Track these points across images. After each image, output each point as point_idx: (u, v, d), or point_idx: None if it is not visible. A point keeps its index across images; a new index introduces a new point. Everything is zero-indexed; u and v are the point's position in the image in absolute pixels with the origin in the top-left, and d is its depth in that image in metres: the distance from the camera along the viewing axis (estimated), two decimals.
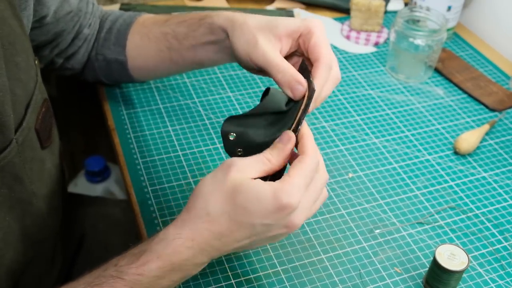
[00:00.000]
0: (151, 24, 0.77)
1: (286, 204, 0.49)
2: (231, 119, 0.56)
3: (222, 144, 0.81)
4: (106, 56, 0.80)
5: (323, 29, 0.60)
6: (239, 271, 0.65)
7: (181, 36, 0.72)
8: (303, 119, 0.55)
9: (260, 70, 0.61)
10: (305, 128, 0.55)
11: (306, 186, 0.51)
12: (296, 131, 0.54)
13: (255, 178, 0.51)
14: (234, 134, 0.56)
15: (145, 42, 0.76)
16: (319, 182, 0.53)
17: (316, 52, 0.58)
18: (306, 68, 0.59)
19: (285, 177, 0.51)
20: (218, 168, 0.52)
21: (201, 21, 0.69)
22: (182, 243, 0.51)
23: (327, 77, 0.58)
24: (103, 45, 0.80)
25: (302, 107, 0.55)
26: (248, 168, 0.51)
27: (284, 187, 0.49)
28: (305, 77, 0.57)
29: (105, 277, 0.50)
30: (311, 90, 0.55)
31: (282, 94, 0.57)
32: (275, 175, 0.54)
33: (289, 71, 0.56)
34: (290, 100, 0.57)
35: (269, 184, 0.50)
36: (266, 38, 0.59)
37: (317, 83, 0.56)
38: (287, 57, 0.61)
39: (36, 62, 0.63)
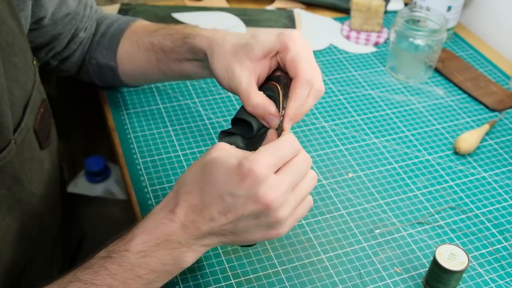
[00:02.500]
0: (141, 32, 0.77)
1: (247, 170, 0.48)
2: (224, 132, 0.59)
3: None
4: (98, 61, 0.80)
5: (300, 42, 0.58)
6: (239, 271, 0.65)
7: (167, 49, 0.72)
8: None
9: None
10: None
11: (277, 161, 0.50)
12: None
13: None
14: (232, 144, 0.56)
15: (134, 50, 0.77)
16: (299, 165, 0.51)
17: (293, 68, 0.57)
18: (280, 76, 0.60)
19: (257, 150, 0.50)
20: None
21: (185, 39, 0.69)
22: (165, 215, 0.51)
23: (306, 94, 0.57)
24: (97, 49, 0.80)
25: (281, 108, 0.57)
26: (228, 150, 0.51)
27: (248, 155, 0.49)
28: (274, 81, 0.59)
29: (96, 259, 0.51)
30: (283, 82, 0.58)
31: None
32: None
33: (260, 104, 0.56)
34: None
35: (238, 151, 0.51)
36: (242, 66, 0.58)
37: (294, 103, 0.56)
38: (271, 74, 0.61)
39: (35, 62, 0.63)
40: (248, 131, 0.58)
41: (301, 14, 1.11)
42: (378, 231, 0.71)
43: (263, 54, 0.58)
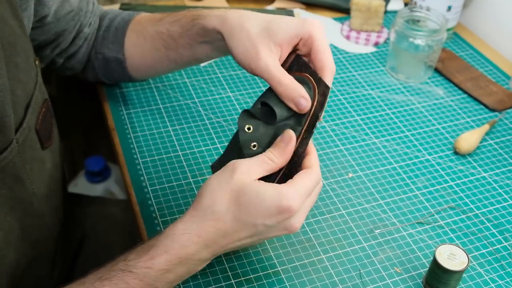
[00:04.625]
0: (146, 23, 0.76)
1: (287, 208, 0.52)
2: (246, 112, 0.58)
3: (222, 144, 0.81)
4: (105, 55, 0.79)
5: (322, 31, 0.59)
6: (239, 271, 0.65)
7: (176, 35, 0.71)
8: (318, 120, 0.57)
9: None
10: (311, 144, 0.57)
11: (307, 195, 0.54)
12: (310, 132, 0.57)
13: (259, 179, 0.54)
14: (251, 127, 0.58)
15: (141, 40, 0.76)
16: (317, 192, 0.57)
17: (320, 60, 0.58)
18: (305, 63, 0.59)
19: (290, 183, 0.53)
20: (223, 170, 0.55)
21: (194, 21, 0.68)
22: (189, 238, 0.53)
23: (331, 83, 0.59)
24: (102, 44, 0.79)
25: (312, 112, 0.57)
26: (252, 170, 0.54)
27: (288, 192, 0.52)
28: (308, 73, 0.58)
29: (114, 271, 0.52)
30: (323, 88, 0.57)
31: None
32: (281, 176, 0.56)
33: (291, 86, 0.57)
34: None
35: (273, 186, 0.53)
36: (267, 48, 0.58)
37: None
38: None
39: (37, 62, 0.62)
40: (270, 118, 0.58)
41: (301, 14, 1.11)
42: (378, 231, 0.71)
43: (287, 40, 0.59)
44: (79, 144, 1.40)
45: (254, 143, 0.58)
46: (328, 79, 0.58)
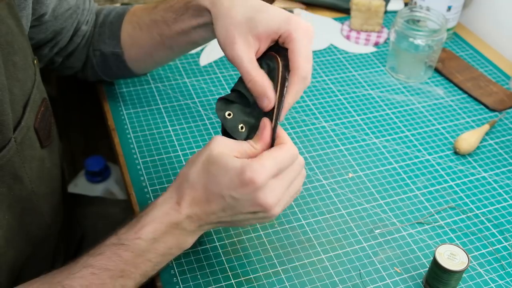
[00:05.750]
0: (141, 12, 0.76)
1: (249, 179, 0.51)
2: (222, 100, 0.60)
3: None
4: (102, 51, 0.79)
5: (306, 33, 0.59)
6: (239, 271, 0.65)
7: (171, 21, 0.70)
8: (281, 109, 0.58)
9: None
10: (279, 128, 0.58)
11: (276, 171, 0.53)
12: (276, 119, 0.58)
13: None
14: (231, 113, 0.60)
15: (136, 31, 0.76)
16: (296, 169, 0.56)
17: (293, 62, 0.58)
18: (280, 48, 0.60)
19: (257, 157, 0.54)
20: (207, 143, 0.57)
21: (188, 4, 0.67)
22: (171, 206, 0.55)
23: (301, 89, 0.59)
24: (99, 40, 0.79)
25: (276, 103, 0.58)
26: (228, 146, 0.55)
27: (251, 164, 0.52)
28: (280, 55, 0.59)
29: (106, 246, 0.55)
30: (283, 78, 0.58)
31: None
32: None
33: (258, 82, 0.58)
34: None
35: (240, 160, 0.53)
36: (244, 39, 0.59)
37: (292, 98, 0.58)
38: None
39: (35, 61, 0.62)
40: (245, 102, 0.60)
41: (301, 14, 1.11)
42: (378, 231, 0.71)
43: (266, 34, 0.59)
44: (79, 144, 1.40)
45: (241, 125, 0.59)
46: (295, 86, 0.58)
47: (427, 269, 0.64)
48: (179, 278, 0.63)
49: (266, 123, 0.57)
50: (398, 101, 0.93)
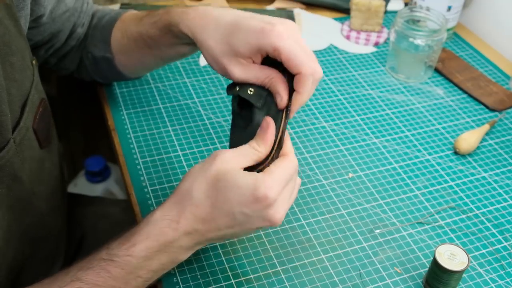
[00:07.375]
0: (129, 21, 0.76)
1: (263, 196, 0.51)
2: (233, 84, 0.60)
3: (222, 144, 0.81)
4: (93, 54, 0.79)
5: (288, 37, 0.56)
6: (239, 271, 0.65)
7: (156, 37, 0.70)
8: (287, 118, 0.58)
9: None
10: (286, 133, 0.58)
11: (284, 184, 0.53)
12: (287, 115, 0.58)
13: (245, 169, 0.54)
14: (253, 89, 0.58)
15: (124, 40, 0.76)
16: (295, 180, 0.57)
17: (293, 66, 0.56)
18: (274, 62, 0.59)
19: (267, 171, 0.53)
20: (207, 158, 0.55)
21: (170, 27, 0.66)
22: (168, 224, 0.53)
23: (311, 86, 0.57)
24: (91, 43, 0.79)
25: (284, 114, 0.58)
26: (233, 158, 0.54)
27: (265, 180, 0.52)
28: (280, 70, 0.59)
29: (96, 260, 0.53)
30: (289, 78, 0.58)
31: None
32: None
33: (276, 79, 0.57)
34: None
35: (251, 174, 0.52)
36: (235, 63, 0.59)
37: (302, 98, 0.57)
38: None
39: (34, 62, 0.62)
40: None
41: (301, 14, 1.11)
42: (378, 231, 0.71)
43: (250, 54, 0.58)
44: (79, 144, 1.40)
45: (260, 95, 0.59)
46: (305, 86, 0.56)
47: (427, 269, 0.64)
48: (179, 278, 0.63)
49: (269, 122, 0.56)
50: (398, 101, 0.93)
